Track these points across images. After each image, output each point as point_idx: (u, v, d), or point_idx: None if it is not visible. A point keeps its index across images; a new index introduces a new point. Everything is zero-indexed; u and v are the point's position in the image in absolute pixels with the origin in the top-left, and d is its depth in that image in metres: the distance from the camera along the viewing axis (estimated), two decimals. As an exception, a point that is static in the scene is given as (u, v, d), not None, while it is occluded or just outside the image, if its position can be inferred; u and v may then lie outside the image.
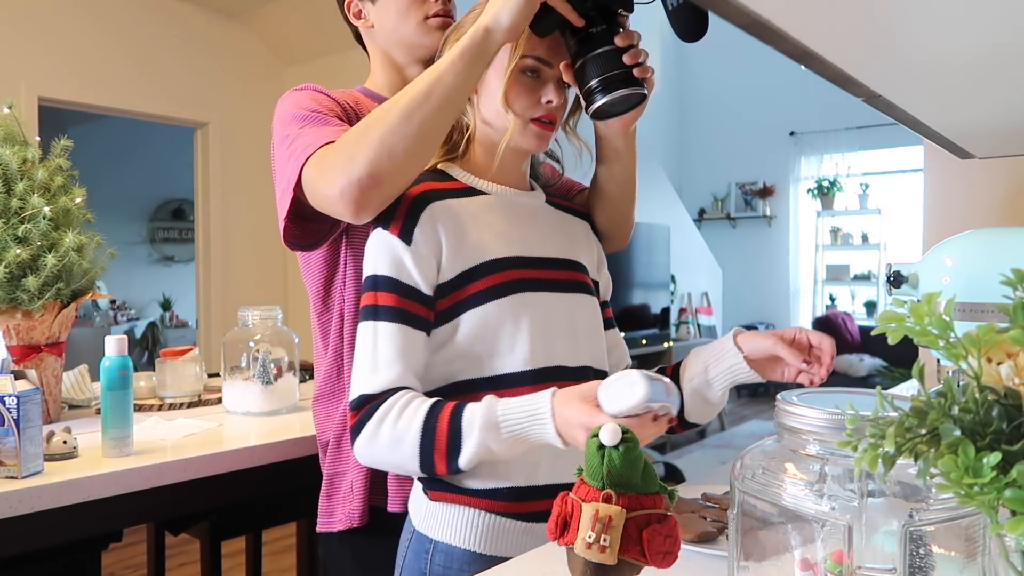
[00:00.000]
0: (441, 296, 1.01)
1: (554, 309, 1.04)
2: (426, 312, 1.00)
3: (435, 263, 1.00)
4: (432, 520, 1.02)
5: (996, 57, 0.77)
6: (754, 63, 7.04)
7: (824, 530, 0.58)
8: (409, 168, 0.99)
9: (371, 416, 0.95)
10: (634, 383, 0.82)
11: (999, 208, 1.64)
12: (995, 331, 0.43)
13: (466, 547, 0.99)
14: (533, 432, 0.90)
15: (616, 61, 0.99)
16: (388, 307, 0.98)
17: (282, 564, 3.07)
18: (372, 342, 0.98)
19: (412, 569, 1.02)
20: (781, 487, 0.61)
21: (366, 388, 0.97)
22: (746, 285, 7.64)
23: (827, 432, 0.60)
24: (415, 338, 0.99)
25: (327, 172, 0.99)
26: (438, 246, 1.00)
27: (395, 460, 0.96)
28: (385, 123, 0.96)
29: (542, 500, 0.99)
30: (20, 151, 1.55)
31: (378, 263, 1.00)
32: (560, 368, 1.03)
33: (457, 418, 0.93)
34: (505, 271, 1.02)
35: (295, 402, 1.74)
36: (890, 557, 0.56)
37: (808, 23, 0.64)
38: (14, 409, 1.16)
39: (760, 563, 0.64)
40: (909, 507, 0.56)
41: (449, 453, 0.92)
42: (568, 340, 1.05)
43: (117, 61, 4.06)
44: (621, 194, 1.19)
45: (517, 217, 1.08)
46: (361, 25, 1.28)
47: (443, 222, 1.01)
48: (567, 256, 1.10)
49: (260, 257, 4.71)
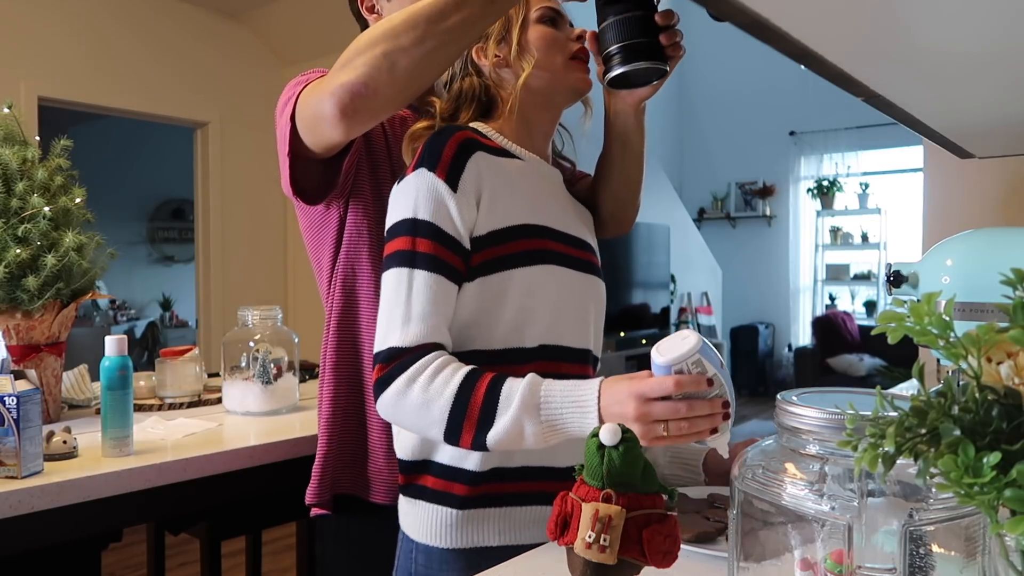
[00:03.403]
0: (473, 251, 0.97)
1: (570, 287, 1.03)
2: (461, 264, 0.95)
3: (475, 213, 0.96)
4: (410, 521, 1.02)
5: (996, 56, 0.77)
6: (754, 63, 7.04)
7: (824, 530, 0.58)
8: (405, 88, 0.95)
9: (401, 372, 0.90)
10: (687, 336, 0.81)
11: (999, 208, 1.64)
12: (995, 331, 0.43)
13: (440, 545, 0.99)
14: (572, 418, 0.86)
15: (642, 28, 0.95)
16: (426, 255, 0.93)
17: (282, 564, 3.07)
18: (407, 290, 0.93)
19: (403, 569, 1.03)
20: (781, 487, 0.61)
21: (397, 341, 0.92)
22: (746, 285, 7.63)
23: (827, 432, 0.59)
24: (450, 291, 0.94)
25: (322, 86, 0.97)
26: (479, 196, 0.96)
27: (420, 423, 0.92)
28: (394, 39, 0.91)
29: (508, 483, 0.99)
30: (20, 151, 1.55)
31: (419, 206, 0.95)
32: (564, 349, 1.02)
33: (496, 389, 0.88)
34: (534, 238, 0.99)
35: (295, 402, 1.74)
36: (890, 557, 0.56)
37: (808, 23, 0.64)
38: (14, 409, 1.16)
39: (760, 563, 0.64)
40: (909, 507, 0.56)
41: (480, 424, 0.88)
42: (577, 321, 1.04)
43: (117, 61, 4.06)
44: (630, 174, 1.16)
45: (545, 188, 1.07)
46: (373, 20, 1.26)
47: (486, 173, 0.98)
48: (584, 238, 1.10)
49: (260, 257, 4.71)
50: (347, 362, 1.19)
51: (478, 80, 1.07)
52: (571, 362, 1.03)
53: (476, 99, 1.07)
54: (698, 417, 0.82)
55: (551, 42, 1.04)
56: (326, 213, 1.18)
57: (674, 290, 6.21)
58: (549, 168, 1.11)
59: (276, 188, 4.83)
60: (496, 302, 0.97)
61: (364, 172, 1.18)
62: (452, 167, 0.95)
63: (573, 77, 1.06)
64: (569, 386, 0.88)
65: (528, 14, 1.05)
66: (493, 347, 0.98)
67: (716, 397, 0.83)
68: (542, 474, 1.00)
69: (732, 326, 7.46)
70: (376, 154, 1.19)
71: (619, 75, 0.97)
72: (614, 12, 0.95)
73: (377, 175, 1.18)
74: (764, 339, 7.50)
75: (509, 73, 1.06)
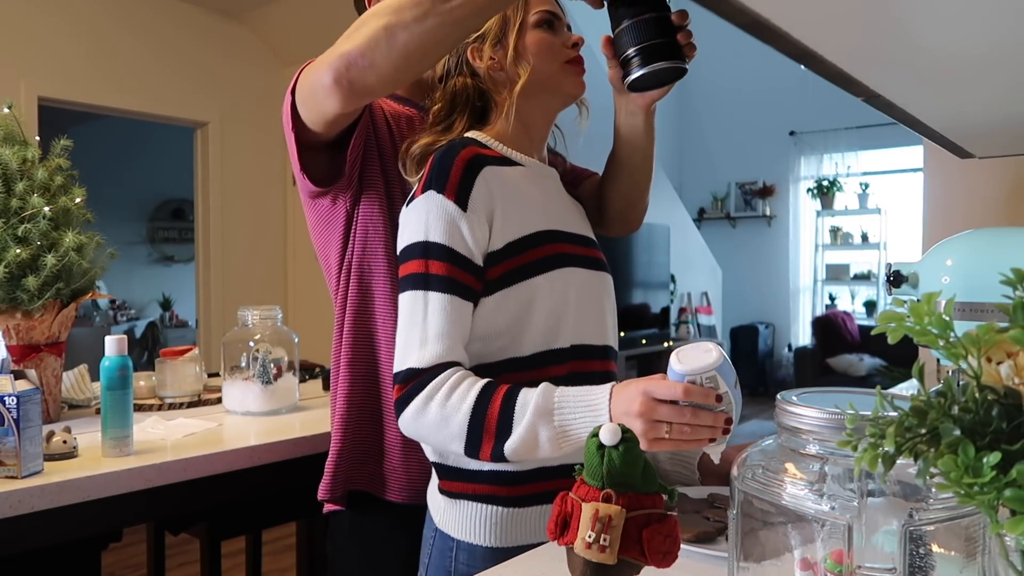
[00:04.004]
0: (489, 265, 0.98)
1: (589, 286, 1.05)
2: (475, 283, 0.97)
3: (488, 231, 0.98)
4: (451, 519, 1.02)
5: (995, 56, 0.77)
6: (754, 63, 7.04)
7: (824, 530, 0.58)
8: (402, 65, 0.95)
9: (419, 391, 0.93)
10: (710, 349, 0.83)
11: (999, 207, 1.63)
12: (995, 331, 0.43)
13: (487, 544, 0.99)
14: (584, 422, 0.88)
15: (660, 29, 0.94)
16: (440, 276, 0.95)
17: (282, 564, 3.07)
18: (422, 312, 0.95)
19: (438, 567, 1.03)
20: (781, 487, 0.61)
21: (414, 362, 0.94)
22: (746, 285, 7.63)
23: (827, 432, 0.59)
24: (464, 309, 0.96)
25: (322, 58, 0.97)
26: (491, 213, 0.98)
27: (440, 439, 0.94)
28: (397, 13, 0.91)
29: (552, 481, 0.99)
30: (20, 151, 1.55)
31: (430, 228, 0.96)
32: (590, 347, 1.04)
33: (511, 400, 0.91)
34: (549, 244, 1.01)
35: (295, 402, 1.74)
36: (890, 557, 0.56)
37: (808, 23, 0.64)
38: (14, 409, 1.16)
39: (760, 563, 0.64)
40: (909, 507, 0.56)
41: (498, 435, 0.90)
42: (598, 319, 1.06)
43: (117, 61, 4.06)
44: (639, 175, 1.17)
45: (548, 190, 1.08)
46: None
47: (496, 188, 0.99)
48: (588, 234, 1.11)
49: (260, 257, 4.71)
50: (363, 359, 1.19)
51: (472, 82, 1.07)
52: (597, 359, 1.05)
53: (470, 103, 1.07)
54: (700, 426, 0.84)
55: (547, 48, 1.05)
56: (332, 209, 1.18)
57: (674, 290, 6.21)
58: (548, 169, 1.12)
59: (276, 188, 4.80)
60: (525, 310, 0.98)
61: (374, 170, 1.18)
62: (461, 187, 0.96)
63: (568, 82, 1.06)
64: (582, 391, 0.90)
65: (526, 17, 1.05)
66: (524, 353, 0.99)
67: (721, 412, 0.84)
68: None
69: (732, 326, 7.46)
70: (384, 154, 1.19)
71: (640, 77, 0.97)
72: (629, 15, 0.95)
73: (387, 175, 1.19)
74: (764, 339, 7.50)
75: (504, 77, 1.06)
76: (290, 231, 4.81)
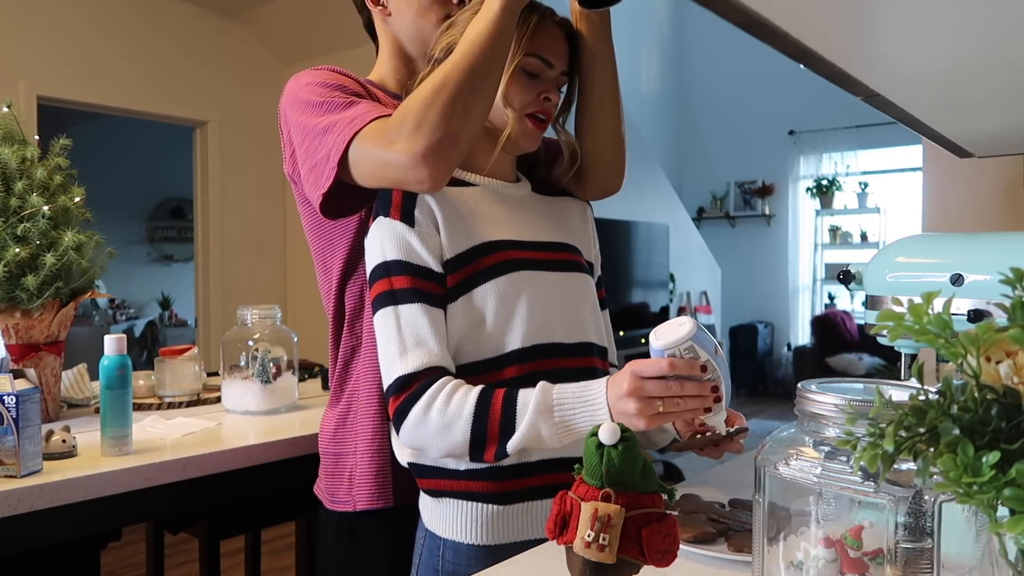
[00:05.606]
0: (448, 272, 1.01)
1: (551, 288, 1.06)
2: (439, 289, 1.00)
3: (439, 239, 1.01)
4: (436, 518, 1.03)
5: (995, 55, 0.77)
6: (753, 62, 7.03)
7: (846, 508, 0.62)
8: (479, 123, 1.00)
9: (416, 401, 0.95)
10: (683, 322, 0.86)
11: (998, 207, 1.63)
12: (994, 330, 0.43)
13: (471, 542, 1.00)
14: (584, 417, 0.92)
15: None
16: (405, 289, 0.99)
17: (281, 563, 3.07)
18: (395, 327, 0.98)
19: (427, 566, 1.04)
20: (803, 469, 0.65)
21: (399, 370, 0.97)
22: (745, 284, 7.63)
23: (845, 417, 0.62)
24: (436, 315, 0.99)
25: (395, 142, 0.97)
26: (436, 224, 1.02)
27: (443, 445, 0.96)
28: (457, 84, 0.95)
29: (534, 477, 1.00)
30: (19, 150, 1.55)
31: (385, 249, 1.01)
32: (557, 345, 1.05)
33: (511, 401, 0.94)
34: (499, 252, 1.03)
35: (294, 401, 1.74)
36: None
37: (808, 22, 0.64)
38: (13, 408, 1.16)
39: (784, 540, 0.67)
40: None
41: (501, 436, 0.93)
42: (568, 317, 1.07)
43: (117, 60, 4.05)
44: (605, 104, 1.14)
45: (506, 205, 1.10)
46: (378, 12, 1.24)
47: (438, 205, 1.02)
48: (558, 239, 1.12)
49: (259, 256, 4.71)
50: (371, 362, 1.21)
51: None
52: (570, 356, 1.06)
53: None
54: (690, 396, 0.87)
55: (517, 93, 1.04)
56: (338, 223, 1.18)
57: (673, 289, 6.21)
58: (508, 187, 1.12)
59: (276, 187, 4.79)
60: (479, 316, 1.01)
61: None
62: (404, 206, 1.02)
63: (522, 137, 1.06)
64: (579, 387, 0.94)
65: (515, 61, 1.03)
66: (482, 357, 1.02)
67: (708, 381, 0.87)
68: (562, 466, 1.00)
69: (731, 325, 7.45)
70: None
71: None
72: None
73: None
74: (763, 338, 7.50)
75: None
76: (289, 230, 4.81)
